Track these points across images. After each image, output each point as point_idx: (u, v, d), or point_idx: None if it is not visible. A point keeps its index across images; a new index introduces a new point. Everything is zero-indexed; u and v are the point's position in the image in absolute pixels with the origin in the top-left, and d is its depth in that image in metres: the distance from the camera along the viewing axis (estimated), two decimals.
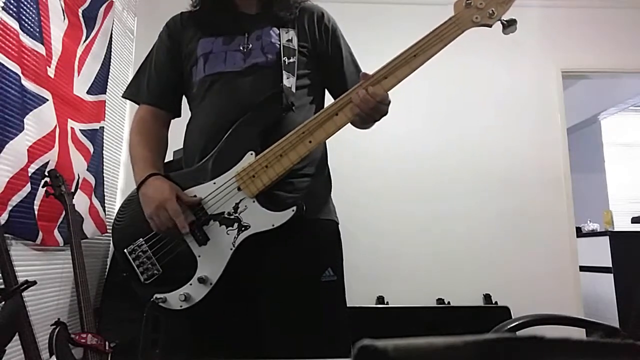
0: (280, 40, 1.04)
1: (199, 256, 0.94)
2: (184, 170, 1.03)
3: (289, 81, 1.01)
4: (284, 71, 1.01)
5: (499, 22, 0.96)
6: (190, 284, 0.92)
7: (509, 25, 0.96)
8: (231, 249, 0.92)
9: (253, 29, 1.06)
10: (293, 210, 0.91)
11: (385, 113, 0.98)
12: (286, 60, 1.02)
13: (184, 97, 1.16)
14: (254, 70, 1.02)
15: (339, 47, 1.13)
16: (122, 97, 1.18)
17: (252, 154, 0.95)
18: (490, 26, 0.96)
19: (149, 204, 0.94)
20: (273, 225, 0.91)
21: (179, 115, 1.17)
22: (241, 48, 1.04)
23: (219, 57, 1.04)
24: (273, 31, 1.05)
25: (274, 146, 0.93)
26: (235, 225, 0.93)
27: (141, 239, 0.97)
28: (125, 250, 0.98)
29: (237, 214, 0.93)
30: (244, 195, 0.93)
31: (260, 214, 0.92)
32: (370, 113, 0.93)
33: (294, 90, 1.01)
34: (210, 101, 1.03)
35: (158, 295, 0.93)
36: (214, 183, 0.95)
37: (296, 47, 1.05)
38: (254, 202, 0.93)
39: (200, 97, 1.06)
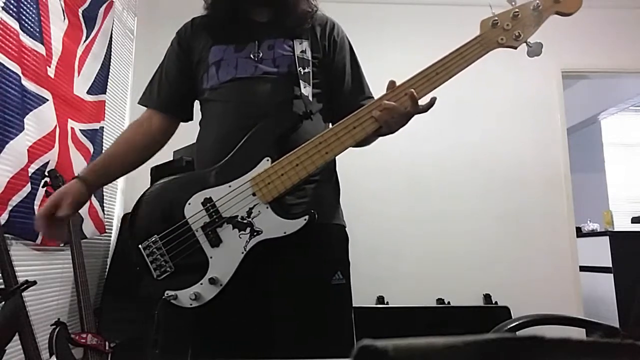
0: (294, 52, 1.05)
1: (211, 257, 0.95)
2: (199, 171, 1.04)
3: (306, 90, 1.03)
4: (300, 80, 1.03)
5: (524, 44, 0.95)
6: (201, 284, 0.94)
7: (534, 48, 0.94)
8: (242, 253, 0.94)
9: (264, 37, 1.07)
10: (305, 220, 0.92)
11: (400, 127, 0.98)
12: (301, 70, 1.04)
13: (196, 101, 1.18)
14: (266, 78, 1.04)
15: (343, 63, 1.13)
16: (138, 103, 1.21)
17: (268, 160, 0.95)
18: (515, 48, 0.95)
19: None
20: (285, 233, 0.93)
21: (191, 119, 1.20)
22: (252, 56, 1.05)
23: (231, 64, 1.05)
24: (286, 43, 1.06)
25: (290, 154, 0.94)
26: (248, 229, 0.94)
27: (156, 236, 0.98)
28: (140, 246, 0.99)
29: (250, 219, 0.94)
30: (258, 201, 0.94)
31: (273, 221, 0.94)
32: (394, 122, 0.94)
33: (311, 99, 1.04)
34: (223, 107, 1.05)
35: (169, 292, 0.95)
36: (229, 186, 0.96)
37: (310, 58, 1.07)
38: (267, 208, 0.94)
39: (213, 103, 1.07)
